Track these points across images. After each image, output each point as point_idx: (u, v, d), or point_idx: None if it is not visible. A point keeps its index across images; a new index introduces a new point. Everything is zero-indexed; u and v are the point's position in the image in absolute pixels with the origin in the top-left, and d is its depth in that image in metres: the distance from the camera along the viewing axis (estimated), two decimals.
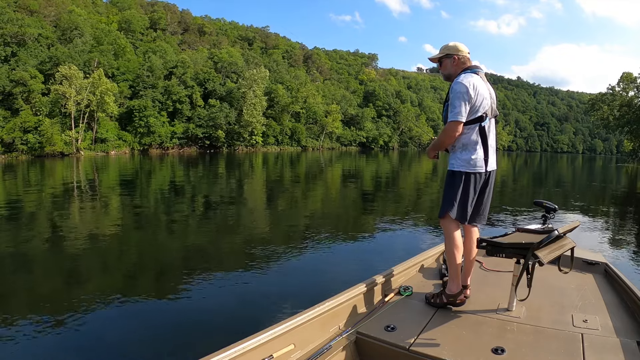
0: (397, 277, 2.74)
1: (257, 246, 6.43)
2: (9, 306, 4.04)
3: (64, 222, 8.26)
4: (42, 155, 35.31)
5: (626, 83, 41.99)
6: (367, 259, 5.74)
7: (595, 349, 1.88)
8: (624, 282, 2.61)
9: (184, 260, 5.78)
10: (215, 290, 4.49)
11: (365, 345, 2.08)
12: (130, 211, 9.82)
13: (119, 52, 48.62)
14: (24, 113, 36.82)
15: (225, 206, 10.75)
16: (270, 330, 1.82)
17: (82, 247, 6.23)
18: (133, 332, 3.51)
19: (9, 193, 13.16)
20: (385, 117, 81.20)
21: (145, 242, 6.91)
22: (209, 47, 65.90)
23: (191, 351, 3.03)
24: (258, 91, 52.58)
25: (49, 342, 3.28)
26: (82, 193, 13.12)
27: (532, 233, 2.39)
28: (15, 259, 5.68)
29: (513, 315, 2.25)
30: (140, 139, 44.91)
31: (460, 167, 2.35)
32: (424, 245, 6.25)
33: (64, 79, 37.43)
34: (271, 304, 4.02)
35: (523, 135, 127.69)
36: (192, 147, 50.13)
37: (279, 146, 59.20)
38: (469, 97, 2.25)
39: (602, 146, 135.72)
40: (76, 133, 38.54)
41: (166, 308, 3.98)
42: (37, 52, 41.81)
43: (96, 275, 5.13)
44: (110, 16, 58.32)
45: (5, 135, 34.85)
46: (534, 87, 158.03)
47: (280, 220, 8.88)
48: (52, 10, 48.60)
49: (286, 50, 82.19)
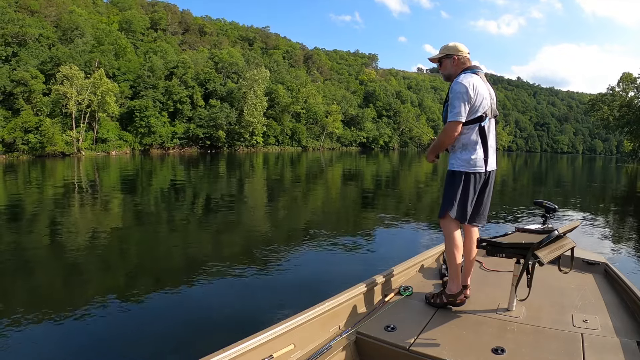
0: (397, 277, 2.74)
1: (257, 246, 6.43)
2: (10, 305, 4.05)
3: (64, 222, 8.27)
4: (42, 155, 35.36)
5: (626, 83, 42.07)
6: (367, 259, 5.73)
7: (595, 349, 1.88)
8: (624, 282, 2.60)
9: (184, 260, 5.78)
10: (215, 290, 4.49)
11: (365, 345, 2.08)
12: (131, 211, 9.83)
13: (119, 52, 48.66)
14: (25, 113, 36.87)
15: (226, 206, 10.75)
16: (270, 330, 1.82)
17: (83, 247, 6.24)
18: (132, 332, 3.51)
19: (11, 192, 13.19)
20: (385, 118, 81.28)
21: (146, 242, 6.92)
22: (209, 47, 66.01)
23: (191, 351, 3.02)
24: (259, 91, 52.63)
25: (50, 342, 3.28)
26: (84, 193, 13.13)
27: (532, 233, 2.39)
28: (16, 258, 5.69)
29: (513, 315, 2.25)
30: (141, 139, 44.96)
31: (460, 167, 2.35)
32: (424, 245, 6.24)
33: (65, 79, 37.47)
34: (271, 304, 4.01)
35: (523, 135, 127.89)
36: (193, 147, 50.18)
37: (279, 146, 59.23)
38: (468, 97, 2.25)
39: (602, 146, 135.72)
40: (77, 133, 38.59)
41: (166, 308, 3.97)
42: (37, 52, 41.85)
43: (96, 274, 5.13)
44: (111, 16, 58.40)
45: (6, 135, 34.90)
46: (534, 88, 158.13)
47: (281, 220, 8.89)
48: (53, 10, 48.68)
49: (286, 51, 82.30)
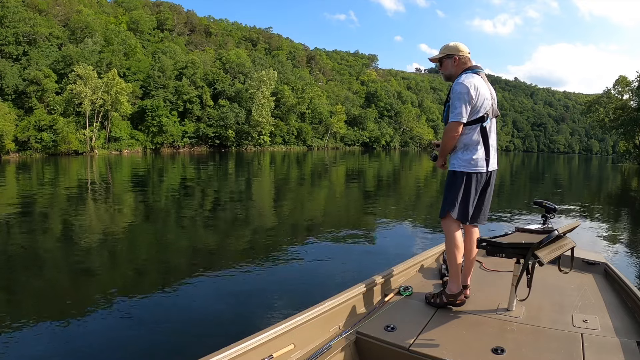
0: (397, 277, 2.74)
1: (258, 245, 6.49)
2: (16, 303, 4.12)
3: (78, 219, 8.38)
4: (56, 154, 35.91)
5: (621, 86, 42.63)
6: (367, 259, 5.73)
7: (595, 349, 1.88)
8: (623, 282, 2.59)
9: (187, 259, 5.83)
10: (215, 289, 4.51)
11: (365, 345, 2.08)
12: (142, 208, 10.01)
13: (129, 52, 49.22)
14: (38, 112, 37.39)
15: (232, 204, 10.85)
16: (270, 330, 1.82)
17: (92, 243, 6.34)
18: (132, 331, 3.53)
19: (27, 190, 13.53)
20: (386, 118, 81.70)
21: (153, 240, 7.02)
22: (215, 48, 66.68)
23: (191, 351, 3.01)
24: (266, 92, 53.07)
25: (50, 341, 3.29)
26: (98, 190, 13.38)
27: (532, 233, 2.39)
28: (26, 255, 5.81)
29: (513, 315, 2.25)
30: (153, 138, 45.53)
31: (462, 167, 2.34)
32: (424, 245, 6.23)
33: (78, 78, 37.90)
34: (271, 304, 4.02)
35: (520, 135, 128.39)
36: (203, 146, 50.75)
37: (285, 146, 59.71)
38: (469, 97, 2.25)
39: (598, 147, 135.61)
40: (90, 132, 38.99)
41: (166, 307, 3.98)
42: (48, 52, 42.46)
43: (102, 272, 5.20)
44: (119, 16, 58.80)
45: (20, 133, 35.26)
46: (531, 88, 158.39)
47: (284, 220, 8.93)
48: (60, 10, 49.29)
49: (290, 52, 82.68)
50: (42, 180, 16.91)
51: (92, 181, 16.57)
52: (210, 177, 18.91)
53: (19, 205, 10.13)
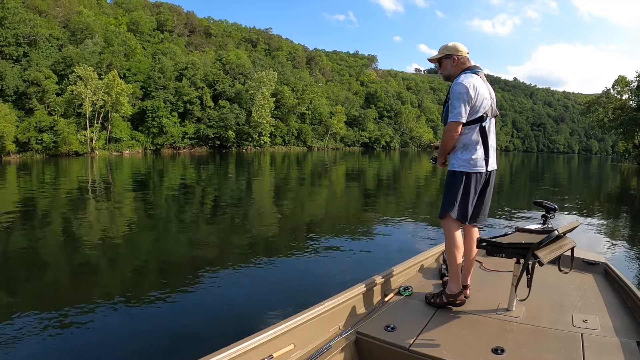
0: (396, 277, 2.74)
1: (258, 245, 6.48)
2: (16, 303, 4.12)
3: (79, 219, 8.38)
4: (56, 155, 35.94)
5: (621, 86, 42.68)
6: (367, 259, 5.72)
7: (595, 349, 1.87)
8: (623, 282, 2.59)
9: (188, 259, 5.83)
10: (215, 289, 4.51)
11: (365, 345, 2.08)
12: (142, 208, 10.00)
13: (129, 53, 49.29)
14: (39, 113, 37.43)
15: (232, 205, 10.85)
16: (270, 330, 1.82)
17: (92, 244, 6.33)
18: (132, 330, 3.53)
19: (28, 190, 13.48)
20: (386, 118, 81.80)
21: (153, 240, 7.01)
22: (215, 48, 66.76)
23: (191, 350, 3.01)
24: (266, 92, 53.13)
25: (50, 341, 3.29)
26: (98, 191, 13.36)
27: (532, 233, 2.39)
28: (26, 255, 5.81)
29: (513, 315, 2.25)
30: (153, 139, 45.58)
31: (461, 167, 2.35)
32: (424, 245, 6.22)
33: (78, 80, 37.94)
34: (271, 304, 4.02)
35: (520, 135, 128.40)
36: (203, 147, 50.82)
37: (285, 146, 59.79)
38: (469, 97, 2.25)
39: (597, 146, 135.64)
40: (91, 133, 39.05)
41: (166, 307, 3.99)
42: (48, 53, 42.51)
43: (102, 272, 5.20)
44: (119, 17, 58.80)
45: (20, 134, 35.30)
46: (530, 88, 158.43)
47: (284, 220, 8.93)
48: (61, 11, 49.32)
49: (289, 52, 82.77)
50: (42, 181, 16.93)
51: (93, 182, 16.62)
52: (210, 178, 18.93)
53: (20, 206, 10.14)
